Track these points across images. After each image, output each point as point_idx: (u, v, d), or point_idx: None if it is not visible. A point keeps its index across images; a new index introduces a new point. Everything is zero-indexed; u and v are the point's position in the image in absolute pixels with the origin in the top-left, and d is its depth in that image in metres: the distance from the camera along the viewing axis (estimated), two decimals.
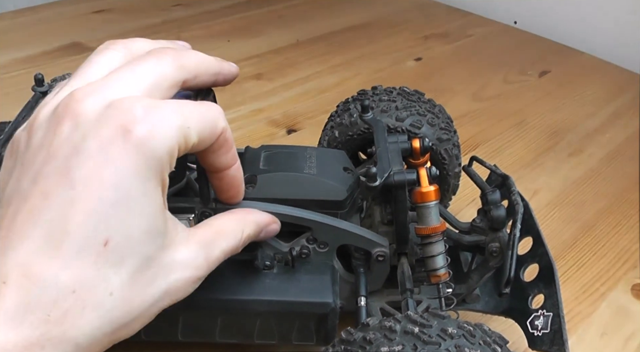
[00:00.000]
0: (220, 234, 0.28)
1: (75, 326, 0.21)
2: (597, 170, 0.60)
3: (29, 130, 0.25)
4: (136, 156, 0.23)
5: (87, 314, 0.22)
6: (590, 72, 0.81)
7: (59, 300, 0.21)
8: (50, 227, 0.22)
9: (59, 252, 0.21)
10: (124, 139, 0.23)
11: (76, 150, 0.23)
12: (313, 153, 0.36)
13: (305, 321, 0.33)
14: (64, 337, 0.21)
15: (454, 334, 0.24)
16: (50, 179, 0.22)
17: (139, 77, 0.25)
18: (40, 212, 0.22)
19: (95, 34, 0.85)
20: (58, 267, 0.21)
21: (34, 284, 0.21)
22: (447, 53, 0.86)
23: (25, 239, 0.22)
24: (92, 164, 0.22)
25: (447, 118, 0.44)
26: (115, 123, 0.23)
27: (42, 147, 0.23)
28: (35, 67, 0.75)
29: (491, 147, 0.64)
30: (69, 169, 0.22)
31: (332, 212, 0.33)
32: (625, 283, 0.46)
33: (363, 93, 0.44)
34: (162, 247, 0.24)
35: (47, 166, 0.23)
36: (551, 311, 0.33)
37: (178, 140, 0.24)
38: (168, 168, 0.24)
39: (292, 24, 0.92)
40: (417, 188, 0.33)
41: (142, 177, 0.23)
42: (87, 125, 0.23)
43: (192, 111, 0.25)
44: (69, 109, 0.23)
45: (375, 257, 0.34)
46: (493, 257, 0.35)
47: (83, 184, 0.22)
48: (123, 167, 0.22)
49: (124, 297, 0.23)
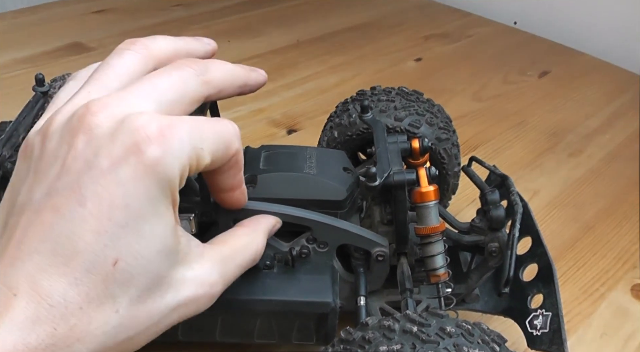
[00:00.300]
0: (235, 249, 0.28)
1: (81, 341, 0.22)
2: (597, 170, 0.60)
3: (43, 136, 0.24)
4: (147, 178, 0.22)
5: (93, 329, 0.22)
6: (590, 72, 0.81)
7: (66, 315, 0.21)
8: (60, 243, 0.22)
9: (67, 269, 0.21)
10: (137, 158, 0.22)
11: (88, 166, 0.22)
12: (313, 153, 0.36)
13: (305, 320, 0.33)
14: (69, 351, 0.21)
15: (452, 333, 0.24)
16: (62, 194, 0.22)
17: (160, 92, 0.25)
18: (51, 227, 0.22)
19: (95, 34, 0.85)
20: (67, 284, 0.21)
21: (43, 299, 0.21)
22: (447, 53, 0.86)
23: (36, 253, 0.22)
24: (103, 182, 0.22)
25: (446, 118, 0.44)
26: (127, 140, 0.22)
27: (56, 159, 0.23)
28: (35, 67, 0.75)
29: (491, 147, 0.64)
30: (80, 186, 0.22)
31: (332, 212, 0.34)
32: (625, 283, 0.47)
33: (362, 93, 0.44)
34: (174, 265, 0.24)
35: (60, 180, 0.22)
36: (550, 310, 0.33)
37: (190, 161, 0.24)
38: (178, 187, 0.24)
39: (292, 24, 0.92)
40: (416, 188, 0.33)
41: (153, 199, 0.23)
42: (100, 141, 0.23)
43: (206, 130, 0.24)
44: (84, 122, 0.23)
45: (374, 257, 0.34)
46: (492, 257, 0.35)
47: (93, 203, 0.22)
48: (134, 188, 0.22)
49: (131, 314, 0.23)
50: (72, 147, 0.23)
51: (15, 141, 0.35)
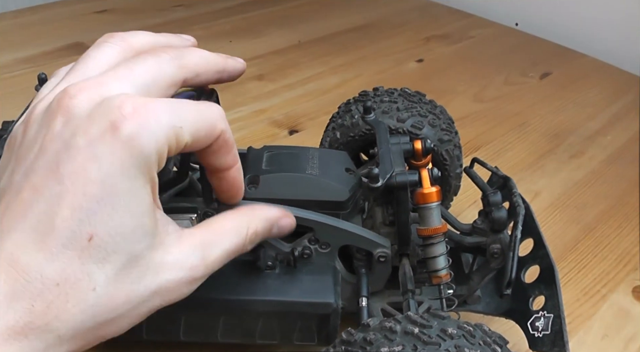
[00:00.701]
0: (220, 233, 0.28)
1: (58, 319, 0.22)
2: (599, 172, 0.60)
3: (25, 124, 0.25)
4: (123, 153, 0.23)
5: (70, 307, 0.22)
6: (591, 74, 0.81)
7: (44, 292, 0.21)
8: (38, 220, 0.22)
9: (44, 245, 0.22)
10: (112, 135, 0.23)
11: (66, 145, 0.23)
12: (315, 154, 0.36)
13: (306, 321, 0.33)
14: (47, 328, 0.22)
15: (453, 335, 0.24)
16: (40, 174, 0.23)
17: (136, 75, 0.25)
18: (30, 205, 0.22)
19: (96, 34, 0.83)
20: (43, 259, 0.22)
21: (20, 275, 0.21)
22: (448, 54, 0.86)
23: (14, 231, 0.22)
24: (80, 159, 0.22)
25: (448, 119, 0.44)
26: (104, 120, 0.23)
27: (35, 142, 0.24)
28: (36, 67, 0.75)
29: (492, 148, 0.64)
30: (58, 164, 0.23)
31: (334, 213, 0.34)
32: (626, 285, 0.46)
33: (364, 94, 0.44)
34: (151, 247, 0.24)
35: (39, 161, 0.23)
36: (552, 312, 0.33)
37: (168, 139, 0.24)
38: (156, 167, 0.24)
39: (294, 25, 0.92)
40: (418, 189, 0.33)
41: (128, 175, 0.23)
42: (77, 121, 0.23)
43: (187, 111, 0.25)
44: (61, 105, 0.24)
45: (376, 258, 0.34)
46: (494, 259, 0.35)
47: (70, 179, 0.22)
48: (110, 164, 0.23)
49: (108, 294, 0.23)
50: (50, 129, 0.23)
51: None
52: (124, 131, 0.23)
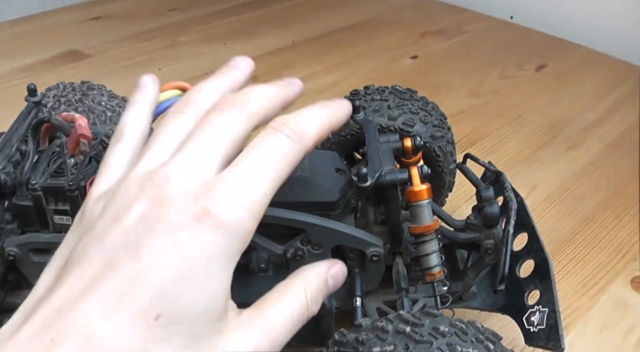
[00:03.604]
0: (278, 305, 0.27)
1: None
2: (596, 163, 0.60)
3: (107, 200, 0.25)
4: (205, 240, 0.23)
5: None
6: (587, 64, 0.81)
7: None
8: (109, 295, 0.22)
9: (112, 318, 0.22)
10: (197, 224, 0.23)
11: (148, 229, 0.23)
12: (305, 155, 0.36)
13: None
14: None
15: (445, 333, 0.24)
16: (119, 251, 0.23)
17: (213, 146, 0.26)
18: (103, 280, 0.23)
19: (92, 41, 0.86)
20: (108, 333, 0.22)
21: (83, 345, 0.21)
22: (443, 50, 0.86)
23: (84, 302, 0.22)
24: (160, 243, 0.23)
25: (440, 115, 0.44)
26: (190, 208, 0.23)
27: (115, 221, 0.24)
28: (33, 75, 0.76)
29: (489, 142, 0.64)
30: (138, 245, 0.23)
31: (325, 214, 0.33)
32: (624, 276, 0.46)
33: (355, 93, 0.44)
34: (216, 331, 0.24)
35: (117, 239, 0.23)
36: (547, 306, 0.33)
37: (255, 218, 0.25)
38: (243, 246, 0.25)
39: (288, 26, 0.92)
40: (409, 187, 0.33)
41: (208, 260, 0.23)
42: (162, 208, 0.24)
43: (269, 172, 0.26)
44: (146, 190, 0.24)
45: (369, 257, 0.34)
46: (488, 254, 0.35)
47: (148, 261, 0.23)
48: (189, 250, 0.23)
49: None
50: (134, 212, 0.24)
51: (8, 152, 0.36)
52: (210, 221, 0.23)
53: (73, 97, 0.45)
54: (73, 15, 0.95)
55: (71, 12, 0.96)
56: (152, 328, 0.22)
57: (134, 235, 0.23)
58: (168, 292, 0.23)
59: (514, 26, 0.94)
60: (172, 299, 0.23)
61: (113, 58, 0.81)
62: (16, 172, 0.35)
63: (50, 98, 0.45)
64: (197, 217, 0.23)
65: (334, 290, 0.30)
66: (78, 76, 0.55)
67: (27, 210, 0.34)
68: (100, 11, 0.96)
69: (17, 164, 0.35)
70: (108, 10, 0.97)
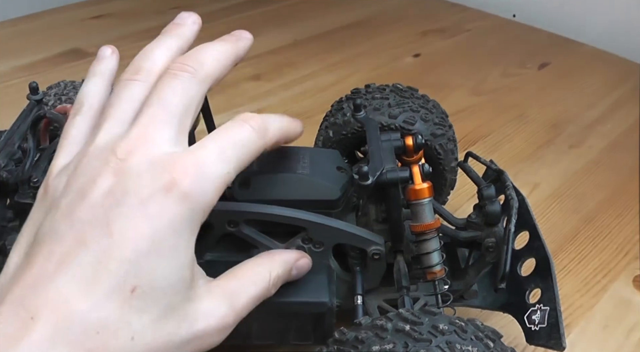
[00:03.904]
0: (246, 281, 0.29)
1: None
2: (598, 161, 0.60)
3: (70, 175, 0.26)
4: (174, 211, 0.24)
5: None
6: (589, 62, 0.81)
7: (83, 339, 0.22)
8: (84, 271, 0.23)
9: (89, 294, 0.22)
10: (165, 195, 0.24)
11: (117, 203, 0.24)
12: (306, 153, 0.36)
13: (302, 320, 0.33)
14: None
15: (445, 331, 0.24)
16: (88, 227, 0.23)
17: (170, 113, 0.26)
18: (76, 255, 0.23)
19: (94, 39, 0.86)
20: (86, 308, 0.22)
21: (61, 320, 0.22)
22: (445, 48, 0.86)
23: (59, 277, 0.22)
24: (131, 216, 0.24)
25: (441, 113, 0.44)
26: (157, 180, 0.24)
27: (81, 196, 0.24)
28: (36, 74, 0.76)
29: (491, 140, 0.64)
30: (109, 220, 0.23)
31: (326, 212, 0.33)
32: (627, 275, 0.46)
33: (356, 92, 0.44)
34: (187, 299, 0.25)
35: (86, 214, 0.24)
36: (548, 305, 0.33)
37: (217, 192, 0.26)
38: (203, 219, 0.26)
39: (290, 24, 0.92)
40: (410, 185, 0.33)
41: (177, 230, 0.24)
42: (129, 181, 0.24)
43: (231, 150, 0.26)
44: (110, 164, 0.25)
45: (370, 255, 0.34)
46: (489, 253, 0.35)
47: (120, 235, 0.23)
48: (159, 222, 0.24)
49: (145, 343, 0.23)
50: (100, 186, 0.24)
51: (10, 150, 0.36)
52: (177, 191, 0.24)
53: (74, 95, 0.45)
54: (75, 14, 0.95)
55: (73, 11, 0.96)
56: (129, 300, 0.23)
57: (102, 209, 0.24)
58: (141, 265, 0.23)
59: (516, 24, 0.94)
60: (146, 270, 0.23)
61: None
62: (18, 170, 0.35)
63: (52, 96, 0.46)
64: (164, 189, 0.24)
65: (293, 280, 0.32)
66: (80, 74, 0.54)
67: (28, 208, 0.34)
68: (102, 9, 0.96)
69: (19, 162, 0.36)
70: (110, 8, 0.97)
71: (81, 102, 0.29)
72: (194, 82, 0.27)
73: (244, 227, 0.32)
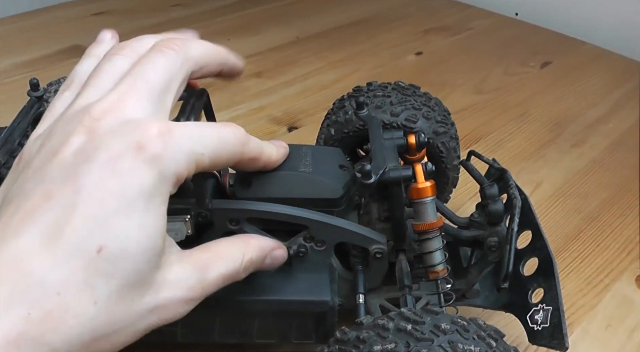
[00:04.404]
0: (218, 257, 0.28)
1: (55, 330, 0.21)
2: (600, 160, 0.60)
3: (43, 139, 0.25)
4: (144, 172, 0.23)
5: (69, 319, 0.21)
6: (592, 61, 0.81)
7: (42, 300, 0.21)
8: (47, 226, 0.22)
9: (51, 250, 0.21)
10: (135, 154, 0.23)
11: (87, 159, 0.23)
12: (308, 151, 0.35)
13: (303, 319, 0.33)
14: (41, 341, 0.21)
15: (447, 330, 0.24)
16: (56, 181, 0.22)
17: (151, 87, 0.26)
18: (41, 210, 0.22)
19: (94, 36, 0.85)
20: (47, 266, 0.21)
21: (21, 278, 0.21)
22: (447, 46, 0.86)
23: (22, 233, 0.21)
24: (100, 172, 0.23)
25: (443, 111, 0.43)
26: (129, 139, 0.23)
27: (52, 155, 0.23)
28: (36, 71, 0.75)
29: (493, 139, 0.63)
30: (77, 174, 0.22)
31: (328, 210, 0.33)
32: (629, 274, 0.46)
33: (358, 90, 0.44)
34: (157, 266, 0.24)
35: (55, 170, 0.23)
36: (551, 305, 0.32)
37: (188, 165, 0.25)
38: (173, 190, 0.25)
39: (292, 21, 0.92)
40: (413, 184, 0.33)
41: (147, 193, 0.23)
42: (101, 138, 0.23)
43: (209, 137, 0.26)
44: (84, 124, 0.24)
45: (372, 254, 0.34)
46: (492, 252, 0.35)
47: (87, 190, 0.22)
48: (130, 180, 0.23)
49: (108, 309, 0.22)
50: (70, 143, 0.23)
51: (10, 147, 0.35)
52: (148, 152, 0.23)
53: None
54: (75, 11, 0.95)
55: (73, 7, 0.96)
56: (95, 261, 0.22)
57: (72, 166, 0.23)
58: (109, 223, 0.22)
59: (519, 23, 0.94)
60: (115, 231, 0.22)
61: None
62: None
63: (52, 93, 0.45)
64: (135, 148, 0.23)
65: (266, 269, 0.31)
66: None
67: None
68: (102, 6, 0.96)
69: None
70: (110, 5, 0.96)
71: (72, 79, 0.29)
72: (177, 58, 0.27)
73: (245, 225, 0.32)
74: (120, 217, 0.22)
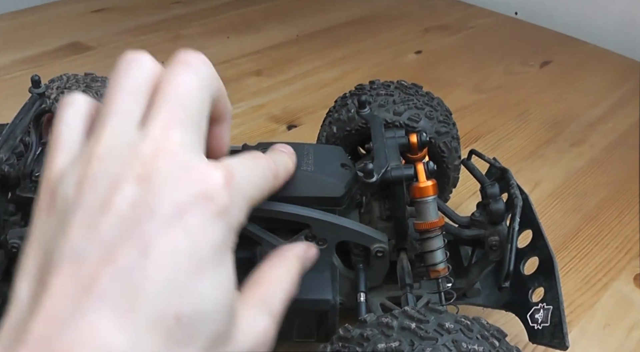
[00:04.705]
0: (272, 286, 0.26)
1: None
2: (600, 160, 0.60)
3: (79, 179, 0.21)
4: (215, 227, 0.21)
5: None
6: (592, 61, 0.81)
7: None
8: (118, 298, 0.19)
9: (128, 326, 0.19)
10: (204, 207, 0.21)
11: (148, 213, 0.20)
12: (310, 150, 0.35)
13: (305, 318, 0.33)
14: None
15: (451, 329, 0.24)
16: (116, 242, 0.20)
17: (189, 113, 0.23)
18: (105, 279, 0.19)
19: (94, 33, 0.85)
20: (127, 343, 0.19)
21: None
22: (447, 45, 0.86)
23: (90, 310, 0.19)
24: (167, 230, 0.20)
25: (445, 111, 0.43)
26: (194, 190, 0.21)
27: (102, 206, 0.20)
28: (36, 67, 0.75)
29: (493, 138, 0.64)
30: (141, 233, 0.20)
31: (330, 209, 0.33)
32: (628, 273, 0.46)
33: (360, 88, 0.44)
34: (232, 320, 0.22)
35: (112, 227, 0.20)
36: (551, 304, 0.33)
37: (248, 211, 0.23)
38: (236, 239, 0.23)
39: (292, 19, 0.92)
40: (414, 183, 0.33)
41: (219, 249, 0.21)
42: (160, 189, 0.20)
43: (257, 178, 0.25)
44: (133, 168, 0.21)
45: (374, 253, 0.34)
46: (493, 251, 0.35)
47: (156, 252, 0.20)
48: (201, 237, 0.20)
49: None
50: (125, 194, 0.20)
51: (12, 143, 0.35)
52: (216, 204, 0.21)
53: (77, 89, 0.45)
54: (76, 7, 0.95)
55: (74, 4, 0.96)
56: (174, 331, 0.19)
57: (133, 222, 0.20)
58: (184, 287, 0.20)
59: (519, 22, 0.94)
60: (190, 294, 0.20)
61: (116, 50, 0.81)
62: (20, 164, 0.34)
63: (54, 90, 0.45)
64: (203, 199, 0.21)
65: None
66: (81, 68, 0.54)
67: (30, 202, 0.34)
68: (103, 3, 0.96)
69: (21, 156, 0.35)
70: (111, 2, 0.96)
71: None
72: (204, 75, 0.24)
73: (247, 223, 0.32)
74: (195, 278, 0.20)
